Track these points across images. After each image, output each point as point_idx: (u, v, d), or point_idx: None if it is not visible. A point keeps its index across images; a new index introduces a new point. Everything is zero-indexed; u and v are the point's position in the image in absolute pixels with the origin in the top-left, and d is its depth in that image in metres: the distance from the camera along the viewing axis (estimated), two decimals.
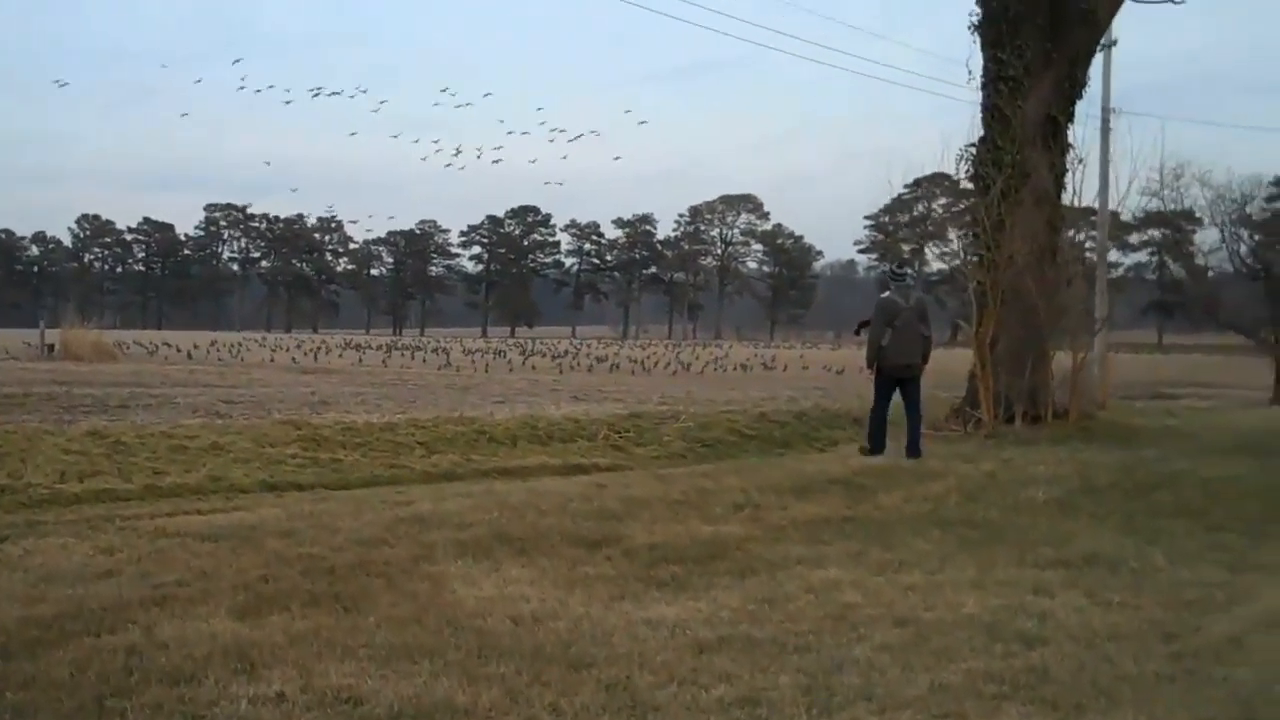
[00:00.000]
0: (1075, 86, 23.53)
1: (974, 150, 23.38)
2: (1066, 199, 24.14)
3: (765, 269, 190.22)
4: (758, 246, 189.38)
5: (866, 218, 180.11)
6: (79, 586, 8.95)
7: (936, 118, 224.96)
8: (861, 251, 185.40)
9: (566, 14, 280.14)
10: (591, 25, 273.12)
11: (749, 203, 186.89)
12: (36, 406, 23.86)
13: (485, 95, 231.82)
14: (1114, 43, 23.93)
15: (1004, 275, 21.83)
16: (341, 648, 7.40)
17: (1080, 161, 23.80)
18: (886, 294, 18.96)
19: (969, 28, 23.62)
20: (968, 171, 23.42)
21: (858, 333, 19.81)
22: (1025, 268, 22.09)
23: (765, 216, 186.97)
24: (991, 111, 23.07)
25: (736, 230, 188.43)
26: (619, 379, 49.39)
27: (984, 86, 23.36)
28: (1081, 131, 25.09)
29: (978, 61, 23.60)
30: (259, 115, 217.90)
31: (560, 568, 9.83)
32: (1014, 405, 21.87)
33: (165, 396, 27.32)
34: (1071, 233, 26.51)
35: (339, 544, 10.58)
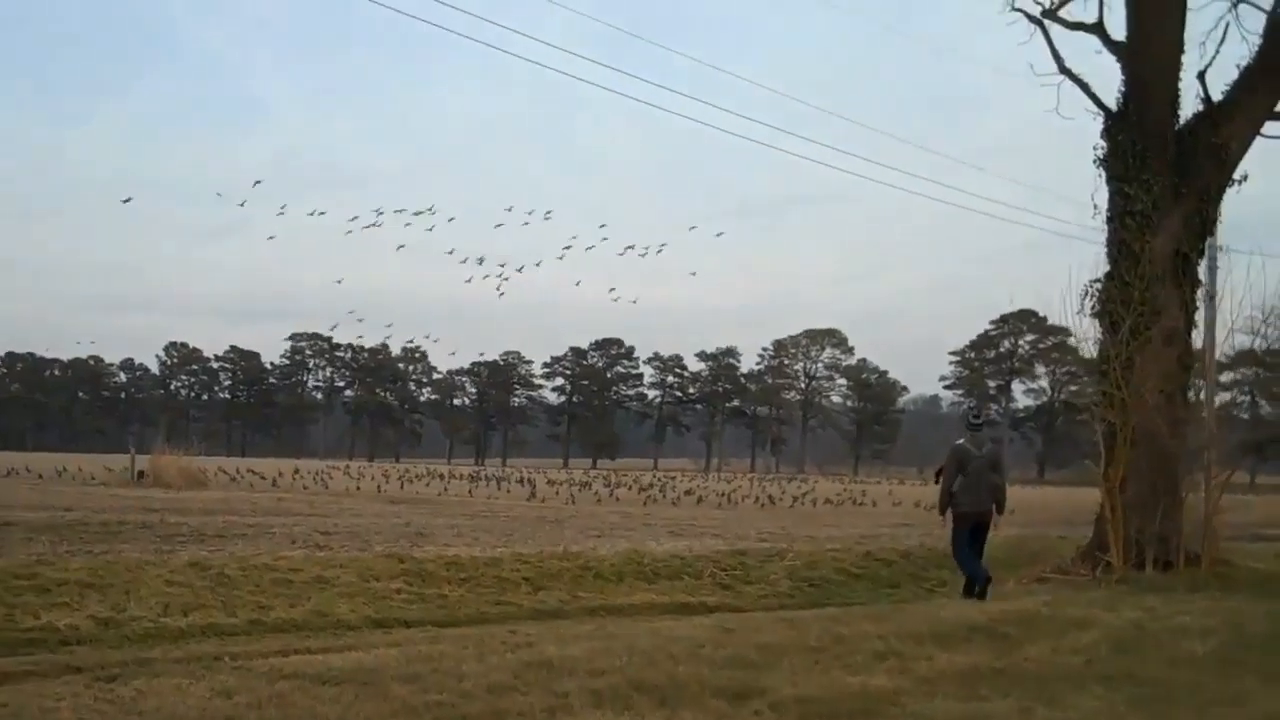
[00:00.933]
0: (1206, 222, 22.85)
1: (1100, 286, 22.70)
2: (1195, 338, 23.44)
3: (849, 403, 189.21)
4: (842, 381, 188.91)
5: (952, 353, 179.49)
6: None
7: (1024, 253, 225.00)
8: (947, 388, 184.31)
9: (637, 152, 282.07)
10: (673, 162, 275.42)
11: (833, 337, 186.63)
12: (133, 535, 23.61)
13: (596, 242, 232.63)
14: (1244, 178, 23.12)
15: (1134, 415, 21.05)
16: None
17: (1212, 299, 23.01)
18: (960, 441, 19.01)
19: (1094, 161, 23.10)
20: (1094, 309, 22.70)
21: (936, 480, 19.73)
22: (1156, 407, 21.32)
23: (850, 351, 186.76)
24: (1119, 247, 22.44)
25: (820, 364, 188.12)
26: (708, 513, 48.69)
27: (1109, 221, 22.77)
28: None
29: (1103, 196, 23.04)
30: (344, 247, 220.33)
31: None
32: (1145, 550, 20.96)
33: (260, 526, 27.01)
34: None
35: (467, 690, 9.96)
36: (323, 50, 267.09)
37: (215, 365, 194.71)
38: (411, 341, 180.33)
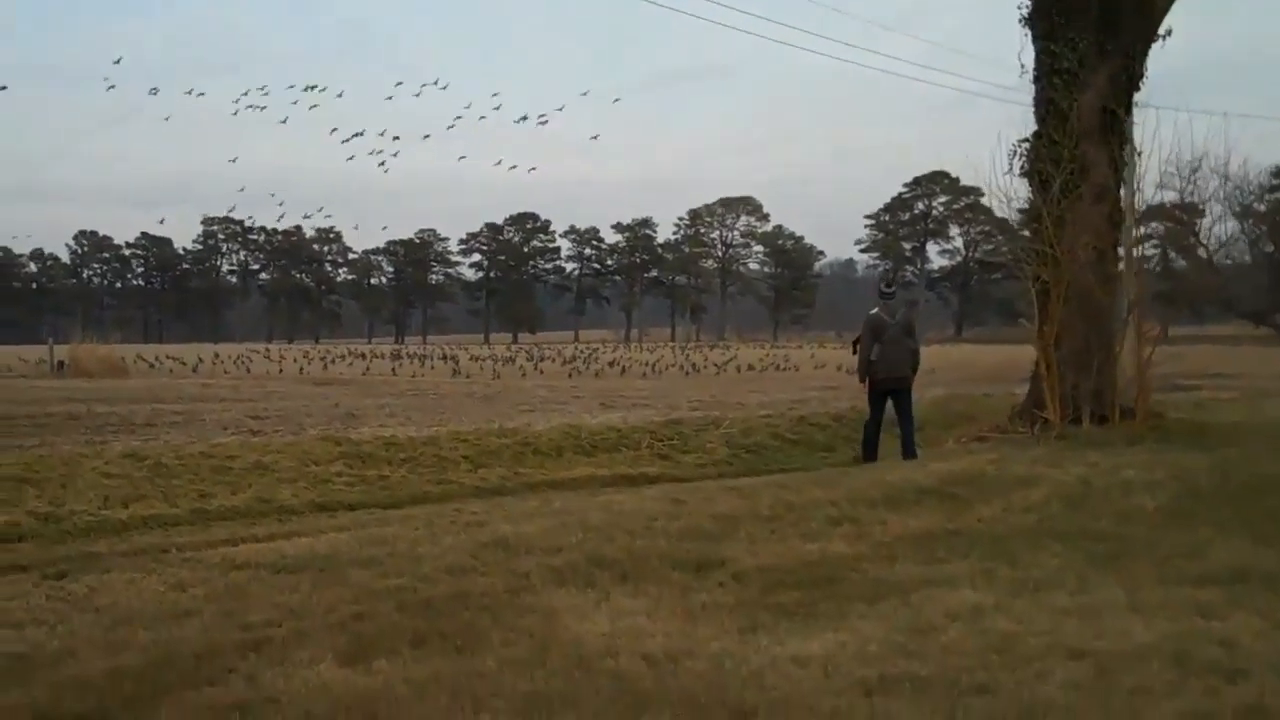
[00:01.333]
0: (1133, 79, 22.59)
1: (1029, 145, 22.59)
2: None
3: (766, 270, 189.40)
4: (758, 248, 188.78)
5: (866, 217, 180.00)
6: (161, 629, 8.20)
7: (935, 114, 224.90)
8: (862, 251, 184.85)
9: (559, 17, 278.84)
10: (587, 29, 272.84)
11: (748, 204, 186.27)
12: (61, 427, 23.29)
13: (493, 96, 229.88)
14: (1168, 33, 22.94)
15: (1067, 272, 21.08)
16: (471, 697, 6.67)
17: (1135, 154, 22.94)
18: (874, 311, 19.74)
19: (1020, 20, 22.83)
20: (1023, 168, 22.56)
21: (854, 349, 20.52)
22: (1087, 264, 21.35)
23: (765, 218, 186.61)
24: (1046, 106, 22.24)
25: (736, 232, 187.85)
26: (635, 384, 48.77)
27: (1036, 80, 22.54)
28: None
29: (1029, 55, 22.80)
30: (253, 129, 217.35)
31: (672, 596, 9.07)
32: (1080, 406, 21.08)
33: (190, 413, 26.74)
34: None
35: (426, 574, 9.83)
36: None
37: (127, 253, 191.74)
38: (320, 213, 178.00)
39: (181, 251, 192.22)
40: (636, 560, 10.21)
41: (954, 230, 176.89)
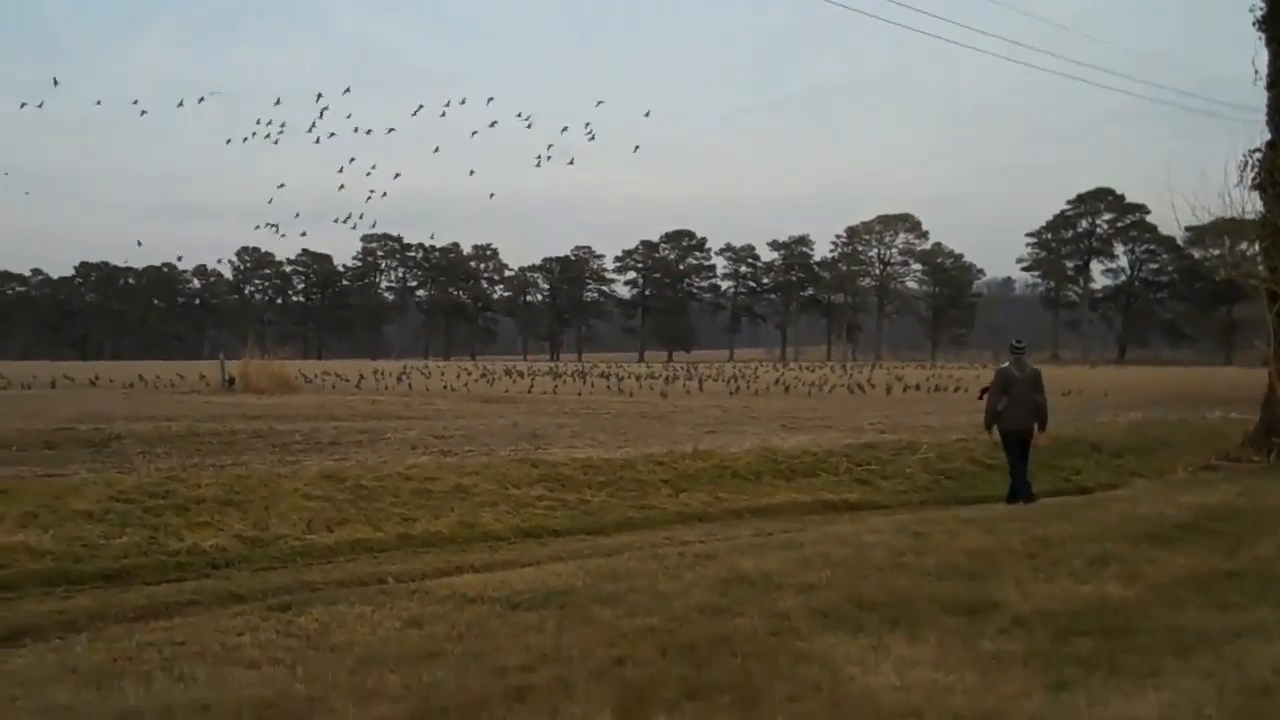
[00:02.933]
0: None
1: (1262, 156, 21.33)
2: None
3: (924, 288, 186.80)
4: (916, 266, 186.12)
5: (1029, 235, 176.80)
6: (410, 673, 7.56)
7: (1102, 128, 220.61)
8: (1024, 269, 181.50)
9: (705, 34, 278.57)
10: (742, 42, 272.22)
11: (906, 222, 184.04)
12: (248, 445, 23.15)
13: (645, 114, 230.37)
14: None
15: None
16: None
17: None
18: (1005, 365, 19.81)
19: (1253, 24, 21.62)
20: (1255, 179, 21.32)
21: (980, 398, 20.81)
22: None
23: (924, 235, 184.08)
24: None
25: (894, 250, 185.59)
26: (804, 403, 47.95)
27: (1270, 86, 21.31)
28: None
29: (1263, 59, 21.55)
30: (414, 150, 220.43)
31: (954, 643, 8.25)
32: None
33: (372, 431, 26.54)
34: None
35: (678, 613, 9.11)
36: None
37: (288, 269, 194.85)
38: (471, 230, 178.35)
39: (341, 268, 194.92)
40: (901, 602, 9.40)
41: (1118, 249, 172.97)
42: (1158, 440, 28.09)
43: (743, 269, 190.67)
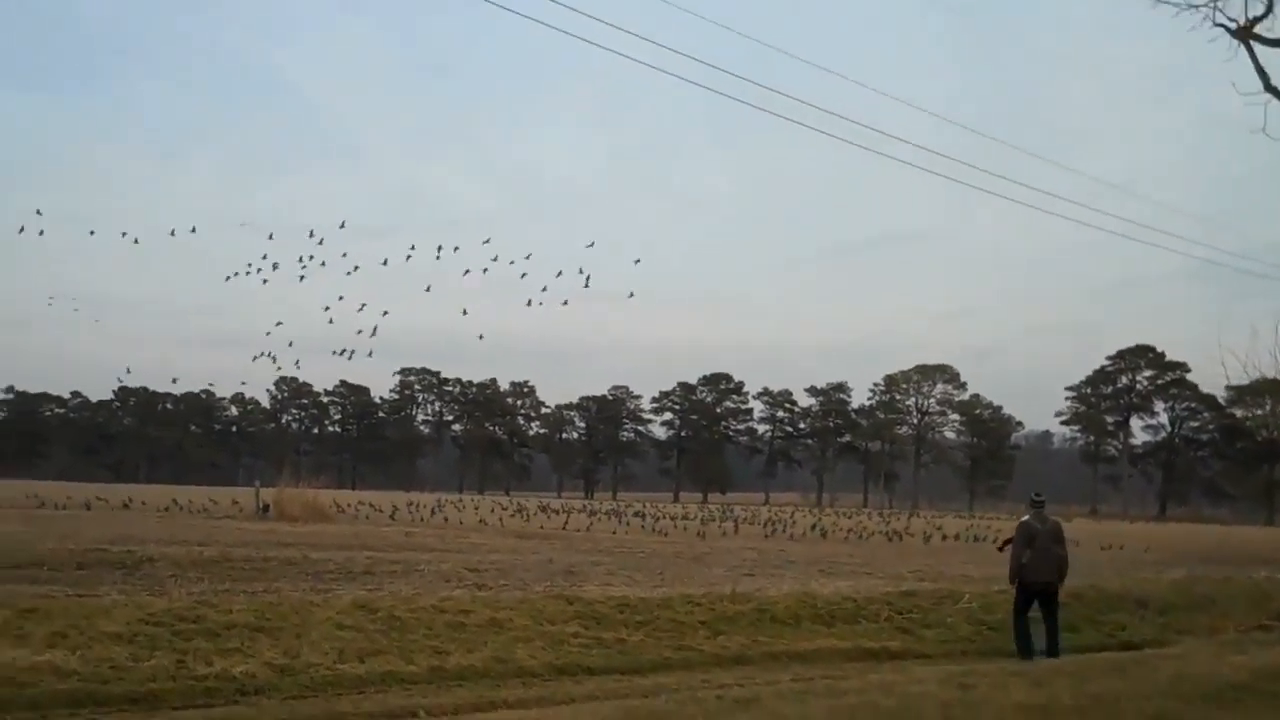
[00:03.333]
0: None
1: None
2: None
3: (962, 438, 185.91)
4: (954, 416, 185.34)
5: (1068, 389, 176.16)
6: None
7: (1139, 288, 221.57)
8: (1063, 423, 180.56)
9: (747, 190, 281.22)
10: (772, 202, 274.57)
11: (945, 372, 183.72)
12: (281, 572, 23.00)
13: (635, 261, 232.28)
14: None
15: None
16: None
17: None
18: (1026, 518, 19.71)
19: None
20: None
21: (1001, 550, 20.83)
22: None
23: (962, 386, 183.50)
24: None
25: (932, 400, 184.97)
26: (841, 549, 47.50)
27: None
28: None
29: None
30: (448, 286, 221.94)
31: None
32: None
33: (406, 562, 26.37)
34: None
35: None
36: (420, 96, 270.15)
37: (325, 399, 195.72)
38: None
39: (378, 400, 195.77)
40: None
41: (1158, 405, 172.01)
42: (1204, 598, 27.57)
43: (780, 414, 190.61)
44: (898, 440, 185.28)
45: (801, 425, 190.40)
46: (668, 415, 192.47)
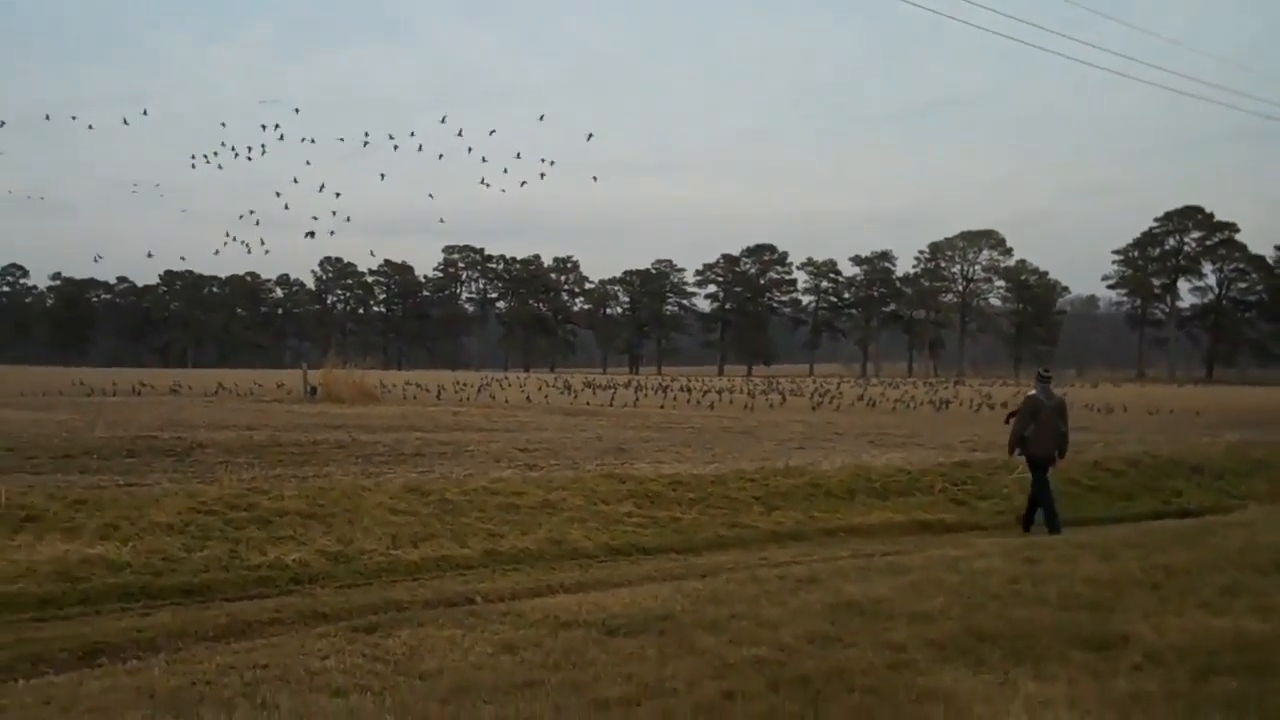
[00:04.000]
0: None
1: None
2: None
3: (1008, 306, 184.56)
4: (1000, 283, 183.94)
5: (1115, 252, 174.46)
6: (506, 703, 7.08)
7: (1186, 149, 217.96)
8: (1110, 286, 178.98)
9: (794, 55, 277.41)
10: (820, 68, 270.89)
11: (990, 239, 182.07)
12: (330, 456, 22.91)
13: (588, 137, 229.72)
14: None
15: None
16: None
17: None
18: (1033, 393, 20.22)
19: None
20: None
21: (1006, 422, 21.07)
22: None
23: (1008, 252, 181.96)
24: None
25: (978, 267, 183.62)
26: (890, 419, 47.26)
27: None
28: None
29: None
30: (491, 162, 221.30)
31: (1085, 682, 7.64)
32: None
33: (456, 443, 26.28)
34: None
35: (785, 641, 8.58)
36: None
37: (370, 280, 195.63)
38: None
39: (422, 279, 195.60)
40: (1022, 634, 8.80)
41: (1206, 268, 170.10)
42: (1259, 462, 27.27)
43: (824, 284, 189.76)
44: (943, 308, 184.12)
45: (846, 295, 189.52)
46: (711, 288, 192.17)
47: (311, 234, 56.46)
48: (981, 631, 8.88)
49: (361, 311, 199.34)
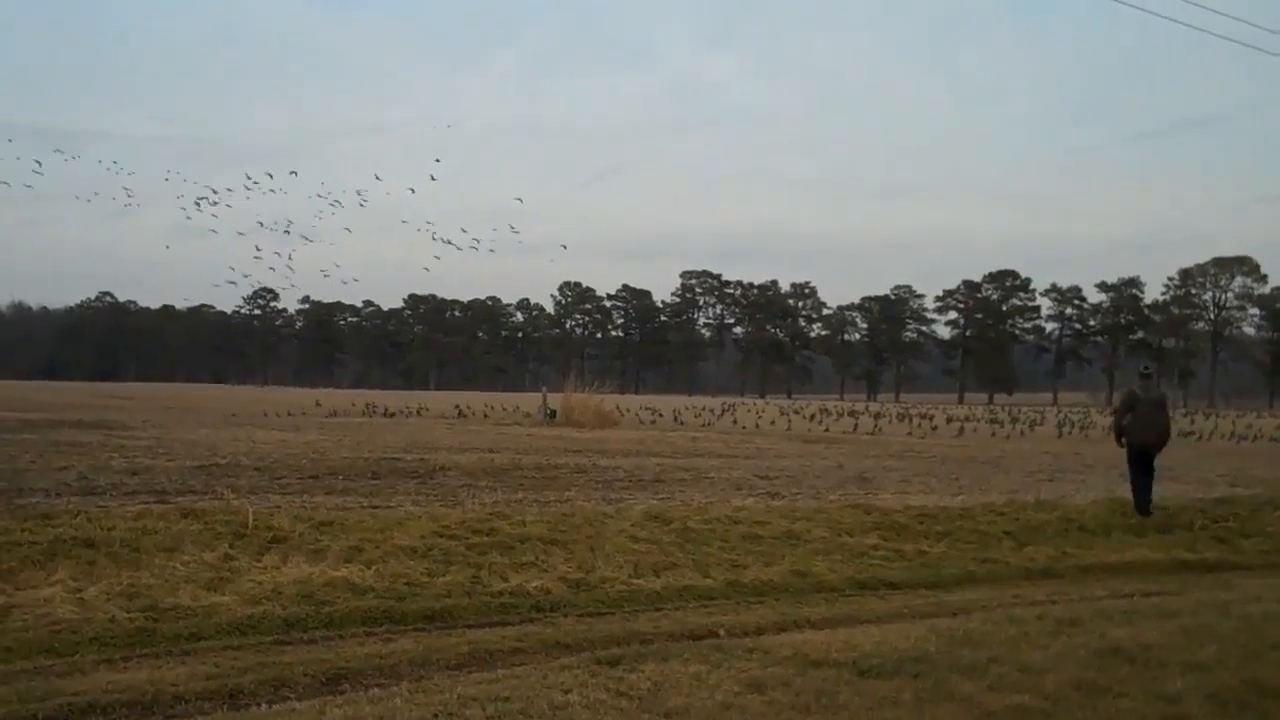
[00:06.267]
0: None
1: None
2: None
3: (1263, 334, 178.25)
4: (1254, 311, 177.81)
5: None
6: None
7: None
8: None
9: (1037, 73, 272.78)
10: (1064, 87, 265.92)
11: (1244, 265, 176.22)
12: (570, 481, 22.94)
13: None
14: None
15: None
16: None
17: None
18: (1133, 387, 22.34)
19: None
20: None
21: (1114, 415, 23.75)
22: None
23: (1263, 279, 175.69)
24: None
25: (1230, 294, 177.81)
26: None
27: None
28: None
29: None
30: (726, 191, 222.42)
31: None
32: None
33: (695, 470, 26.19)
34: None
35: (1049, 689, 8.11)
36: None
37: (608, 304, 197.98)
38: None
39: (660, 304, 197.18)
40: None
41: None
42: None
43: (1068, 311, 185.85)
44: (1193, 337, 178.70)
45: (1091, 322, 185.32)
46: (952, 314, 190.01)
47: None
48: (1263, 685, 8.30)
49: (600, 336, 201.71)
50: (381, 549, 13.59)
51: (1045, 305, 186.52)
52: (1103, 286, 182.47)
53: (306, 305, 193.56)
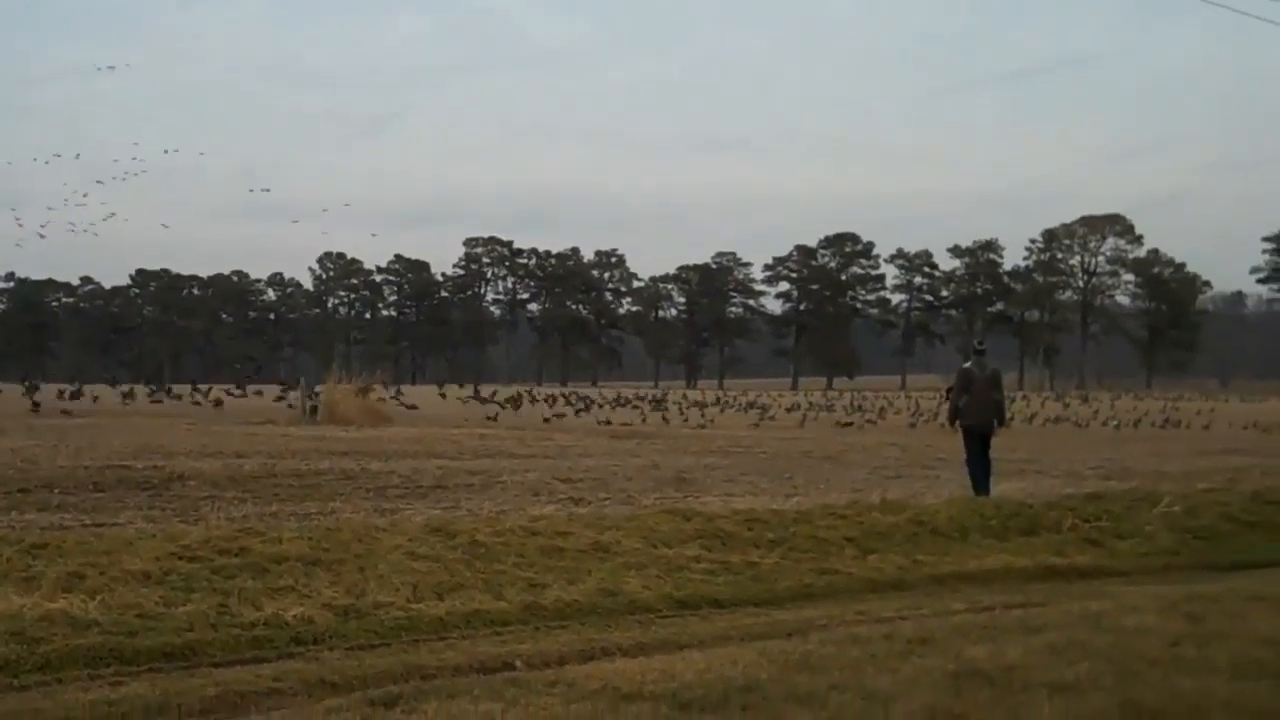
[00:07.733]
0: None
1: None
2: None
3: (1138, 304, 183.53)
4: (1128, 277, 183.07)
5: (1265, 239, 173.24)
6: None
7: None
8: (1261, 280, 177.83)
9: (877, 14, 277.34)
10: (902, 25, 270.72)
11: (1115, 224, 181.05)
12: (336, 489, 22.85)
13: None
14: None
15: None
16: None
17: None
18: (966, 364, 24.54)
19: None
20: None
21: (946, 396, 26.16)
22: None
23: (1137, 240, 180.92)
24: None
25: (1101, 258, 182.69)
26: (1007, 441, 46.59)
27: None
28: None
29: None
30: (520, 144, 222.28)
31: None
32: None
33: (485, 473, 26.20)
34: None
35: None
36: None
37: (378, 278, 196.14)
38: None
39: (440, 277, 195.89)
40: (1191, 710, 8.53)
41: None
42: None
43: (917, 280, 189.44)
44: (1060, 308, 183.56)
45: (944, 293, 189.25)
46: (783, 285, 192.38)
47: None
48: (1141, 707, 8.60)
49: (369, 316, 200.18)
50: (107, 575, 13.35)
51: (891, 274, 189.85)
52: (956, 251, 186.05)
53: (11, 284, 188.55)
